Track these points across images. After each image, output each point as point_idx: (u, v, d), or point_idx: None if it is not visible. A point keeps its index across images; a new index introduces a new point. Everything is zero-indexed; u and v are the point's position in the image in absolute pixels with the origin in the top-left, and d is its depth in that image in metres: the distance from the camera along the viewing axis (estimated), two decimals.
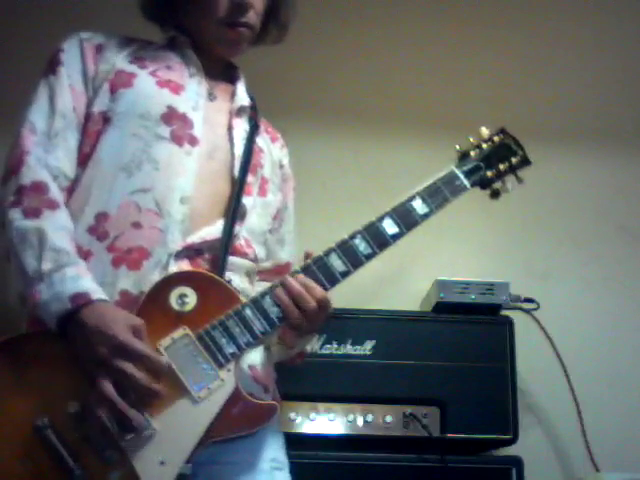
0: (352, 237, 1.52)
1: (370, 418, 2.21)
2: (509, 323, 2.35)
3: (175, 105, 1.59)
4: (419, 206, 1.57)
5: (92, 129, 1.56)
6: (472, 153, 1.65)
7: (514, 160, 1.67)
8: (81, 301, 1.38)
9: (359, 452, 2.18)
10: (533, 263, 2.71)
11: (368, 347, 2.23)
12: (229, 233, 1.54)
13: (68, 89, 1.58)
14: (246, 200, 1.61)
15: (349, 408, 2.21)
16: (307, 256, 1.51)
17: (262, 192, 1.69)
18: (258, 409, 1.43)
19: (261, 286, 1.61)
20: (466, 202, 2.76)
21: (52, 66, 1.61)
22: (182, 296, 1.43)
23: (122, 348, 1.34)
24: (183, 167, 1.54)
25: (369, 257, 1.52)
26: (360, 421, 2.21)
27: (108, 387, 1.33)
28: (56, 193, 1.49)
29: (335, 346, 2.22)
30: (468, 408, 2.24)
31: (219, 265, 1.51)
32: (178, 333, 1.41)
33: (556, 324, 2.58)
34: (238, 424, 1.42)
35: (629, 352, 2.69)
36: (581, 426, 2.55)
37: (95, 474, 1.35)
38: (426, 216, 1.57)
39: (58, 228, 1.44)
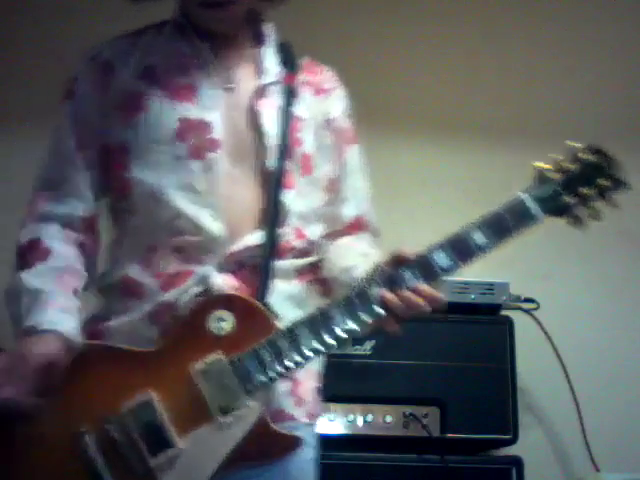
0: (400, 270, 1.41)
1: (370, 418, 2.21)
2: (509, 323, 2.35)
3: (188, 114, 1.51)
4: (478, 237, 1.41)
5: (117, 162, 1.54)
6: (551, 175, 1.45)
7: (603, 183, 1.44)
8: (29, 334, 1.42)
9: (359, 452, 2.18)
10: (533, 263, 2.71)
11: (368, 347, 2.23)
12: (271, 238, 1.49)
13: (73, 127, 1.56)
14: (287, 194, 1.52)
15: (349, 408, 2.21)
16: (397, 261, 1.42)
17: (306, 170, 1.57)
18: (280, 440, 1.41)
19: (339, 250, 1.61)
20: (466, 202, 2.76)
21: (63, 99, 1.59)
22: (220, 320, 1.41)
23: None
24: (207, 182, 1.49)
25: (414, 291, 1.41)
26: (360, 421, 2.21)
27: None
28: (48, 242, 1.52)
29: None
30: (468, 408, 2.24)
31: (262, 278, 1.48)
32: (211, 357, 1.40)
33: (556, 324, 2.57)
34: (259, 453, 1.40)
35: (629, 352, 2.70)
36: (581, 426, 2.55)
37: None
38: (485, 248, 1.41)
39: (40, 272, 1.48)
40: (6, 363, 1.38)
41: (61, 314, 1.44)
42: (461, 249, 1.42)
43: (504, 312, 2.39)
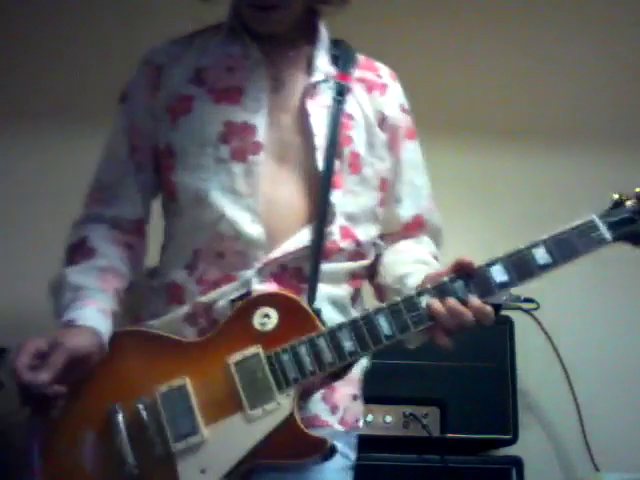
0: (452, 280, 1.40)
1: (370, 418, 2.21)
2: (509, 323, 2.35)
3: (233, 118, 1.52)
4: (540, 255, 1.39)
5: (165, 165, 1.57)
6: (628, 203, 1.42)
7: None
8: (66, 327, 1.45)
9: (359, 452, 2.18)
10: None
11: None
12: (318, 240, 1.49)
13: (127, 130, 1.60)
14: (335, 195, 1.51)
15: None
16: (454, 270, 1.40)
17: (354, 169, 1.55)
18: (306, 441, 1.40)
19: (396, 256, 1.60)
20: (466, 202, 2.76)
21: (119, 103, 1.63)
22: (265, 316, 1.43)
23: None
24: (248, 185, 1.50)
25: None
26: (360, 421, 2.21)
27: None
28: (94, 242, 1.56)
29: None
30: (468, 408, 2.24)
31: (308, 279, 1.48)
32: (250, 351, 1.41)
33: (556, 324, 2.57)
34: (283, 452, 1.40)
35: (629, 352, 2.69)
36: (581, 426, 2.55)
37: (144, 466, 1.39)
38: (546, 268, 1.39)
39: (84, 270, 1.53)
40: (43, 346, 1.39)
41: (98, 313, 1.47)
42: (521, 266, 1.40)
43: (504, 312, 2.38)
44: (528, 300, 2.50)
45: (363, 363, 1.60)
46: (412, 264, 1.58)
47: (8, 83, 2.63)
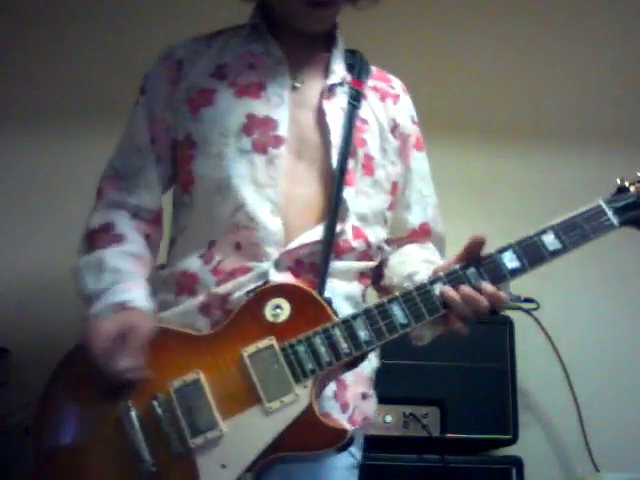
0: (463, 268, 1.41)
1: None
2: (509, 323, 2.35)
3: (255, 111, 1.54)
4: (550, 241, 1.40)
5: (183, 156, 1.57)
6: (633, 188, 1.45)
7: None
8: (120, 308, 1.43)
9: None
10: None
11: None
12: (330, 236, 1.50)
13: (147, 121, 1.60)
14: (347, 192, 1.53)
15: None
16: (465, 257, 1.41)
17: (368, 171, 1.58)
18: (327, 431, 1.40)
19: (402, 258, 1.62)
20: (466, 202, 2.76)
21: (139, 94, 1.63)
22: (277, 307, 1.43)
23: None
24: (269, 176, 1.51)
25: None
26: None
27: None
28: (122, 228, 1.55)
29: None
30: (468, 408, 2.24)
31: (320, 274, 1.48)
32: (264, 342, 1.41)
33: (556, 324, 2.58)
34: (304, 443, 1.40)
35: (629, 352, 2.69)
36: (581, 426, 2.55)
37: (161, 463, 1.38)
38: (556, 253, 1.39)
39: (119, 254, 1.51)
40: (117, 331, 1.38)
41: (146, 296, 1.47)
42: (532, 252, 1.40)
43: (504, 312, 2.38)
44: (528, 300, 2.51)
45: (373, 363, 1.60)
46: (419, 263, 1.59)
47: (8, 83, 2.64)
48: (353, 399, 1.53)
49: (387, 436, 2.22)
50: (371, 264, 1.60)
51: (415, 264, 1.59)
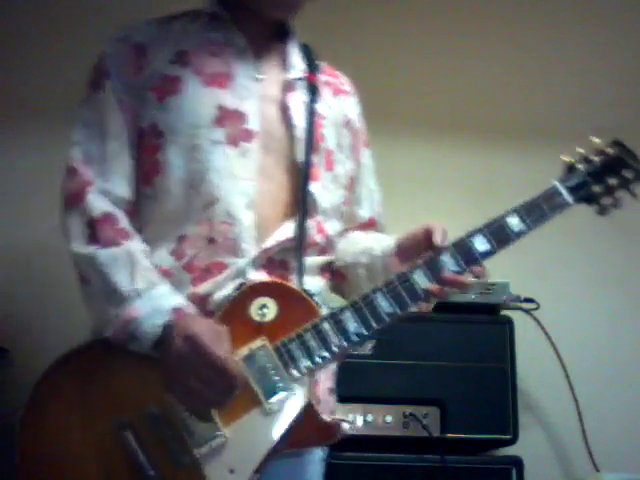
0: (438, 253, 1.46)
1: (370, 418, 2.21)
2: (509, 323, 2.35)
3: (225, 102, 1.50)
4: (514, 223, 1.48)
5: (148, 145, 1.51)
6: (579, 166, 1.53)
7: (627, 174, 1.52)
8: (181, 314, 1.39)
9: (359, 452, 2.18)
10: (533, 263, 2.71)
11: (368, 347, 2.23)
12: (302, 232, 1.50)
13: (117, 106, 1.52)
14: (314, 187, 1.53)
15: (349, 408, 2.21)
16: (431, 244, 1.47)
17: (329, 166, 1.59)
18: (325, 426, 1.42)
19: (350, 240, 1.65)
20: (466, 202, 2.76)
21: (99, 78, 1.54)
22: (262, 307, 1.42)
23: (211, 364, 1.35)
24: (243, 169, 1.48)
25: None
26: (360, 421, 2.21)
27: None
28: (125, 223, 1.48)
29: None
30: (468, 408, 2.24)
31: (295, 270, 1.49)
32: (256, 344, 1.40)
33: (556, 324, 2.57)
34: (306, 439, 1.41)
35: (629, 352, 2.69)
36: (581, 426, 2.54)
37: (167, 476, 1.36)
38: (521, 234, 1.48)
39: (140, 252, 1.46)
40: (211, 335, 1.36)
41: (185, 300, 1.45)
42: (499, 234, 1.47)
43: (504, 312, 2.38)
44: (528, 300, 2.50)
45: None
46: (370, 241, 1.65)
47: (8, 82, 2.64)
48: (323, 394, 1.54)
49: (387, 436, 2.22)
50: (329, 258, 1.61)
51: (367, 242, 1.64)
